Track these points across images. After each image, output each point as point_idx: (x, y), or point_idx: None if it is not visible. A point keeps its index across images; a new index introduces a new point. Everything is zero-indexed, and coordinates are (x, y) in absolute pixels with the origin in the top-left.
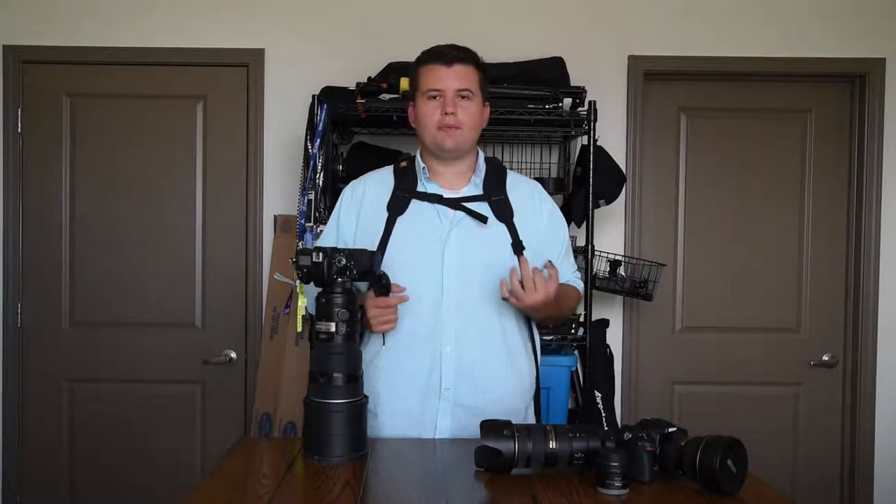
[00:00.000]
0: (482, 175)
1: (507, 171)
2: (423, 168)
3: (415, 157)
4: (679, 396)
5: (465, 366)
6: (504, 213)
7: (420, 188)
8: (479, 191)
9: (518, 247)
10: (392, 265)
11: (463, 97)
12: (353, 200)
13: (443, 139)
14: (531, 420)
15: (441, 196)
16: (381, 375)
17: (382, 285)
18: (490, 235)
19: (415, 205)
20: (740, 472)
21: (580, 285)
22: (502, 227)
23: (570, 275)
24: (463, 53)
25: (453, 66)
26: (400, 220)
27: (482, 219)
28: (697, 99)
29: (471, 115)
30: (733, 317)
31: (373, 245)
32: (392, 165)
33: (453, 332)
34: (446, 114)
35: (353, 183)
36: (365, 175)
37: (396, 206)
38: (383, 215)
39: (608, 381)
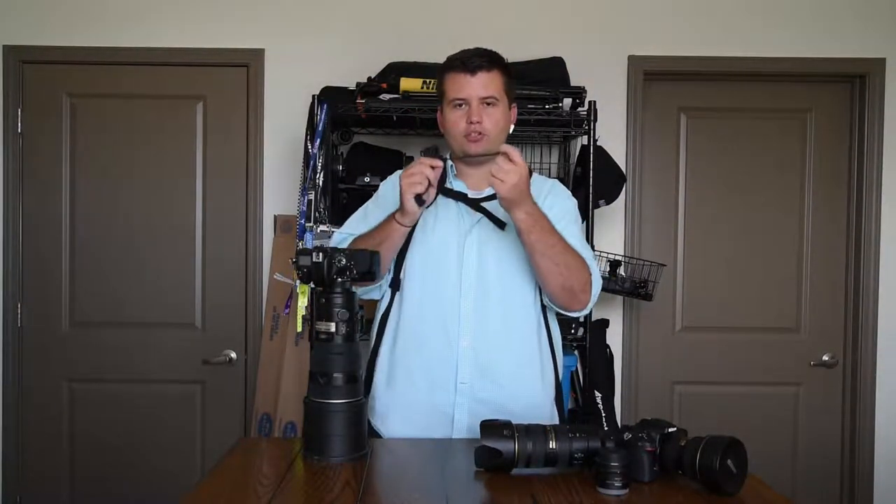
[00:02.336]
0: None
1: (533, 172)
2: (452, 166)
3: (447, 158)
4: (679, 396)
5: (481, 360)
6: None
7: (448, 185)
8: None
9: None
10: (415, 255)
11: (488, 104)
12: (393, 190)
13: (468, 146)
14: (556, 419)
15: (466, 195)
16: (397, 367)
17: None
18: (511, 233)
19: (441, 200)
20: (740, 472)
21: (589, 258)
22: None
23: (579, 247)
24: (486, 60)
25: (477, 74)
26: (426, 213)
27: (500, 224)
28: (697, 99)
29: (496, 121)
30: (733, 317)
31: None
32: None
33: (471, 326)
34: (471, 122)
35: (390, 177)
36: (400, 171)
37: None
38: None
39: (608, 381)
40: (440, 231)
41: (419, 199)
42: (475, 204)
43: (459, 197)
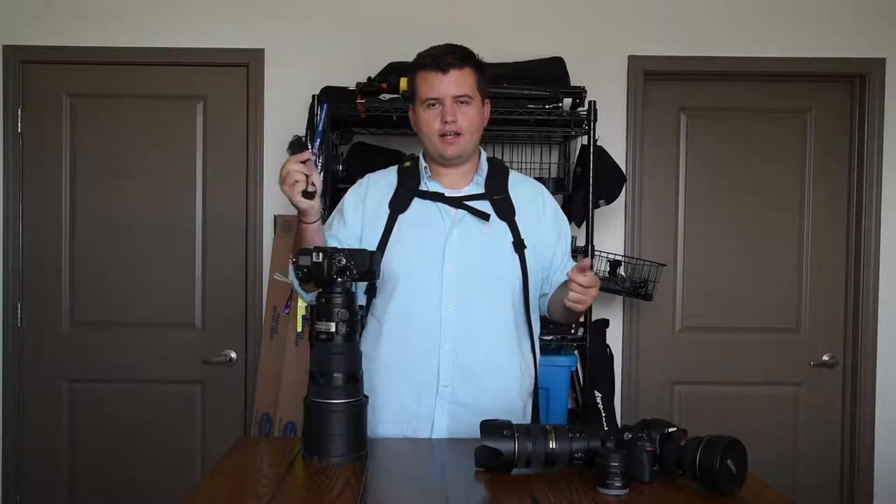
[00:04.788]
0: (484, 174)
1: (510, 170)
2: (426, 167)
3: (418, 157)
4: (679, 396)
5: (463, 363)
6: (506, 211)
7: (423, 187)
8: (480, 189)
9: (519, 245)
10: (392, 262)
11: (461, 102)
12: (357, 199)
13: (444, 148)
14: (528, 418)
15: (443, 195)
16: (379, 371)
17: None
18: (491, 234)
19: (417, 203)
20: (740, 472)
21: None
22: (503, 226)
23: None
24: (458, 58)
25: (449, 72)
26: (401, 218)
27: (484, 217)
28: (697, 99)
29: (470, 119)
30: (733, 317)
31: (373, 242)
32: (396, 166)
33: (452, 329)
34: (446, 122)
35: (357, 183)
36: (368, 175)
37: (398, 204)
38: (385, 212)
39: (608, 381)
40: (418, 235)
41: (307, 194)
42: (456, 202)
43: (437, 197)
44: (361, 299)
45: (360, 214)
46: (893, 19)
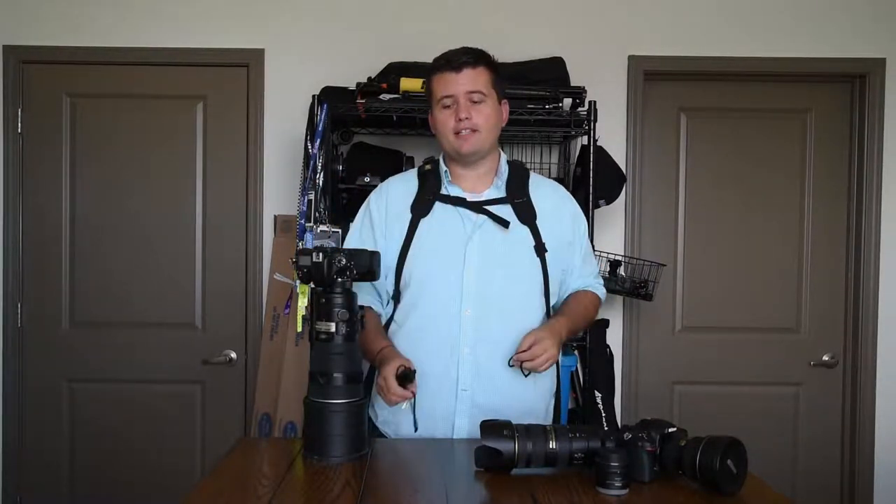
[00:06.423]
0: (504, 177)
1: (530, 172)
2: (446, 171)
3: (438, 160)
4: (679, 396)
5: (483, 367)
6: (527, 215)
7: (443, 191)
8: (501, 193)
9: (540, 249)
10: (414, 266)
11: (475, 101)
12: (380, 203)
13: (460, 145)
14: (550, 419)
15: (464, 199)
16: None
17: (407, 378)
18: (512, 238)
19: (438, 207)
20: (740, 472)
21: (601, 291)
22: (525, 230)
23: (592, 279)
24: (471, 57)
25: (463, 71)
26: (423, 222)
27: (504, 223)
28: (697, 99)
29: (485, 116)
30: (733, 317)
31: (395, 247)
32: (416, 169)
33: (472, 333)
34: (460, 119)
35: (378, 188)
36: (389, 179)
37: (420, 208)
38: (407, 216)
39: (608, 381)
40: (440, 239)
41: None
42: (476, 207)
43: (458, 202)
44: (389, 307)
45: (384, 219)
46: (893, 19)
